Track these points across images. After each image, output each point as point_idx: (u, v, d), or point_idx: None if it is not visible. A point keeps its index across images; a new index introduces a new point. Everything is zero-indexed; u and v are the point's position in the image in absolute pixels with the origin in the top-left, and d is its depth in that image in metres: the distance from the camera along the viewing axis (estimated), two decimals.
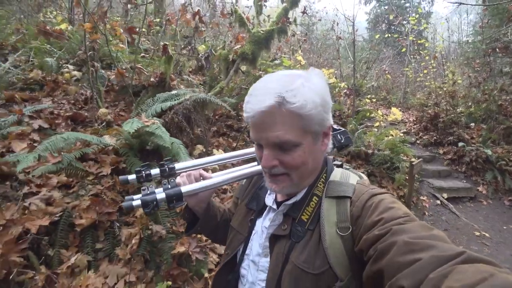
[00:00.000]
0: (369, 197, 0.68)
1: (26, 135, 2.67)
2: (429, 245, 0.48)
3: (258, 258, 0.78)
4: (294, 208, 0.75)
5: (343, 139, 0.89)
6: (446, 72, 7.46)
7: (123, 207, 0.73)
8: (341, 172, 0.79)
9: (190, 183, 0.84)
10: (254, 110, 0.66)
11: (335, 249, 0.65)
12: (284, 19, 3.63)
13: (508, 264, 3.41)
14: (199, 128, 2.78)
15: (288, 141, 0.66)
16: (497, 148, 6.00)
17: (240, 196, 0.98)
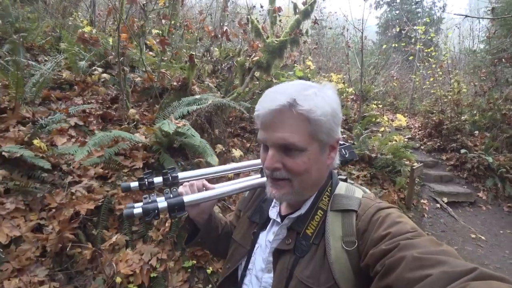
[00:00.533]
0: (375, 211, 0.66)
1: (65, 131, 3.04)
2: (439, 261, 0.47)
3: (261, 274, 0.76)
4: (298, 222, 0.74)
5: (348, 153, 0.90)
6: (451, 81, 7.64)
7: (124, 215, 0.72)
8: (346, 186, 0.78)
9: (192, 193, 0.83)
10: (265, 109, 0.67)
11: (340, 264, 0.64)
12: (297, 30, 3.94)
13: (499, 264, 3.68)
14: (217, 130, 3.11)
15: (293, 144, 0.67)
16: (499, 156, 6.18)
17: (243, 209, 0.97)
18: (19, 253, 1.98)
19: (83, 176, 2.65)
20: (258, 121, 0.71)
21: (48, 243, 2.04)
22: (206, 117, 3.02)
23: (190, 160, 2.81)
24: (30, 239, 2.05)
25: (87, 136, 3.11)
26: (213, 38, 4.06)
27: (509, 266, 3.65)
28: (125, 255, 2.09)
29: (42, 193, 2.29)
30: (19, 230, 2.06)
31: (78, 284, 2.01)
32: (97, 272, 2.04)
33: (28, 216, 2.18)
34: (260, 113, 0.69)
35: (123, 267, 2.00)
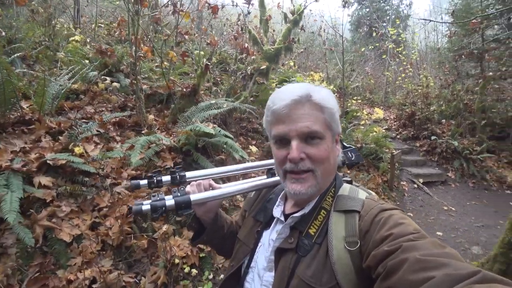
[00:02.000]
0: (378, 212, 0.66)
1: (90, 138, 3.28)
2: (442, 263, 0.46)
3: (263, 272, 0.76)
4: (301, 221, 0.75)
5: (354, 156, 0.91)
6: (420, 76, 8.51)
7: (132, 211, 0.75)
8: (350, 188, 0.79)
9: (199, 192, 0.85)
10: (284, 100, 0.70)
11: (342, 264, 0.64)
12: (290, 38, 4.39)
13: (467, 227, 4.44)
14: (232, 129, 3.50)
15: (316, 132, 0.70)
16: (463, 140, 7.07)
17: (248, 209, 0.98)
18: (82, 249, 2.27)
19: (118, 179, 2.95)
20: (274, 116, 0.73)
21: (109, 237, 2.36)
22: (221, 119, 3.39)
23: (213, 157, 3.19)
24: (89, 236, 2.35)
25: (109, 142, 3.37)
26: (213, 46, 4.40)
27: (475, 229, 4.43)
28: (176, 242, 2.45)
29: (92, 195, 2.58)
30: (79, 229, 2.35)
31: (138, 270, 2.35)
32: (155, 258, 2.39)
33: (81, 216, 2.46)
34: (277, 107, 0.71)
35: (177, 251, 2.37)
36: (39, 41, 4.99)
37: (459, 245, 4.00)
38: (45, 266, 2.08)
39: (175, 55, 3.25)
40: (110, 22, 7.54)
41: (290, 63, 8.91)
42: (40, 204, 2.31)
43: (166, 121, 3.98)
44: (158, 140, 2.91)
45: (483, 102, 7.41)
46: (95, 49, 3.56)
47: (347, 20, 18.06)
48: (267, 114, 0.76)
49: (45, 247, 2.16)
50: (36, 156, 2.55)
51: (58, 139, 2.91)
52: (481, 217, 4.87)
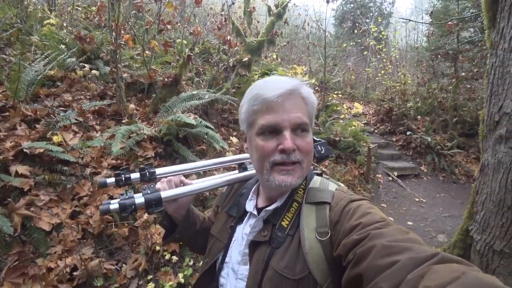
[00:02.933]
0: (347, 202, 0.69)
1: (68, 127, 3.21)
2: (406, 248, 0.49)
3: (238, 266, 0.77)
4: (274, 214, 0.76)
5: (323, 150, 0.90)
6: (399, 73, 8.82)
7: (99, 211, 0.73)
8: (321, 180, 0.81)
9: (170, 189, 0.83)
10: (277, 90, 0.69)
11: (314, 254, 0.66)
12: (273, 31, 4.43)
13: (435, 217, 4.77)
14: (213, 120, 3.54)
15: (305, 124, 0.72)
16: (436, 136, 7.45)
17: (220, 204, 0.97)
18: (62, 237, 2.27)
19: (98, 168, 2.93)
20: (264, 105, 0.71)
21: (89, 226, 2.36)
22: (203, 110, 3.42)
23: (194, 148, 3.22)
24: (69, 225, 2.35)
25: (89, 131, 3.32)
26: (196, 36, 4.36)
27: (442, 219, 4.77)
28: (157, 230, 2.50)
29: (71, 184, 2.56)
30: (59, 218, 2.34)
31: (119, 257, 2.38)
32: (135, 245, 2.42)
33: (61, 205, 2.45)
34: (270, 96, 0.69)
35: (158, 238, 2.42)
36: (10, 23, 4.73)
37: (427, 233, 4.29)
38: (24, 255, 2.07)
39: (157, 44, 3.21)
40: (88, 6, 7.23)
41: (273, 56, 8.94)
42: (18, 193, 2.27)
43: (147, 110, 3.94)
44: (139, 129, 2.91)
45: (455, 100, 7.82)
46: (73, 34, 3.44)
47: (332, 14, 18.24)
48: (253, 103, 0.73)
49: (23, 236, 2.15)
50: (11, 145, 2.49)
51: (34, 127, 2.84)
52: (448, 208, 5.23)
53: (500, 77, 1.75)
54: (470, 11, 7.68)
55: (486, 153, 1.90)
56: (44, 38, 4.42)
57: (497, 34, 1.82)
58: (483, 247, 1.86)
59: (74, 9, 6.31)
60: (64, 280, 2.04)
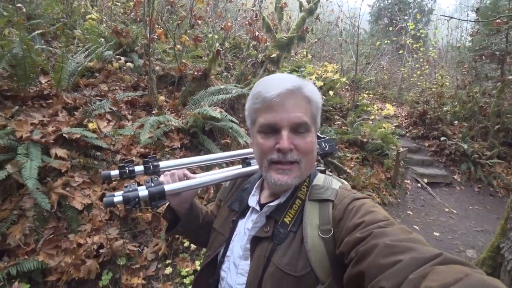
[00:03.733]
0: (350, 200, 0.69)
1: (103, 115, 3.43)
2: (408, 248, 0.49)
3: (239, 261, 0.77)
4: (277, 211, 0.76)
5: (327, 147, 0.90)
6: (436, 75, 8.30)
7: (103, 203, 0.73)
8: (324, 177, 0.80)
9: (173, 182, 0.84)
10: (277, 89, 0.70)
11: (316, 251, 0.66)
12: (303, 28, 4.38)
13: (466, 231, 4.48)
14: (239, 115, 3.59)
15: (305, 123, 0.71)
16: (474, 144, 6.96)
17: (223, 198, 0.98)
18: (91, 217, 2.46)
19: (128, 155, 3.11)
20: (264, 104, 0.71)
21: (116, 209, 2.53)
22: (229, 104, 3.48)
23: (219, 141, 3.31)
24: (99, 206, 2.53)
25: (121, 120, 3.52)
26: (227, 31, 4.43)
27: (473, 233, 4.46)
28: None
29: (103, 169, 2.75)
30: (90, 199, 2.53)
31: (142, 241, 2.53)
32: (157, 231, 2.56)
33: (92, 188, 2.64)
34: (270, 95, 0.70)
35: None
36: (57, 18, 5.11)
37: (454, 246, 4.05)
38: (58, 230, 2.28)
39: (187, 39, 3.32)
40: (127, 1, 7.60)
41: (303, 52, 8.82)
42: (56, 173, 2.49)
43: (176, 103, 4.09)
44: (167, 121, 3.03)
45: (499, 106, 7.22)
46: (111, 29, 3.65)
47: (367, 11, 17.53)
48: (254, 101, 0.74)
49: (59, 212, 2.35)
50: (53, 129, 2.72)
51: (73, 114, 3.07)
52: (482, 222, 4.89)
53: None
54: None
55: None
56: (85, 32, 4.74)
57: None
58: None
59: (114, 4, 6.67)
60: (91, 256, 2.21)
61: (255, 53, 4.24)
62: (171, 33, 3.52)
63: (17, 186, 2.26)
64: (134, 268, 2.34)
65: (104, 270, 2.24)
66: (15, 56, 2.81)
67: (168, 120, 3.03)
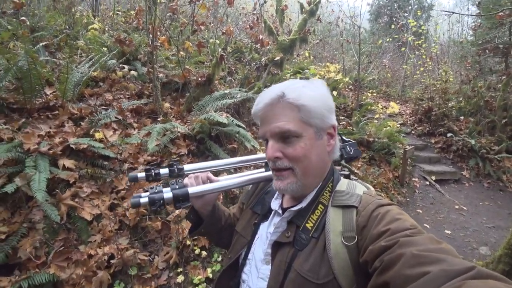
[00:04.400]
0: (375, 207, 0.67)
1: (109, 125, 3.44)
2: (438, 259, 0.47)
3: (260, 265, 0.77)
4: (298, 216, 0.75)
5: (352, 151, 0.90)
6: (440, 70, 8.24)
7: (130, 204, 0.75)
8: (348, 183, 0.79)
9: (197, 185, 0.85)
10: (259, 104, 0.75)
11: (339, 259, 0.64)
12: (305, 29, 4.37)
13: (477, 228, 4.41)
14: (245, 119, 3.58)
15: (288, 131, 0.71)
16: (481, 139, 6.86)
17: (246, 201, 0.99)
18: (101, 227, 2.44)
19: (135, 163, 3.10)
20: (256, 118, 0.78)
21: (126, 218, 2.52)
22: (235, 109, 3.47)
23: (225, 146, 3.29)
24: (108, 216, 2.52)
25: (127, 128, 3.52)
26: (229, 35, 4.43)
27: (485, 229, 4.39)
28: (188, 224, 2.59)
29: (111, 178, 2.74)
30: (99, 209, 2.52)
31: (152, 249, 2.51)
32: (167, 239, 2.54)
33: (101, 198, 2.63)
34: (255, 110, 0.76)
35: None
36: (60, 29, 5.16)
37: (467, 244, 3.99)
38: (68, 241, 2.27)
39: (191, 45, 3.33)
40: (128, 10, 7.67)
41: (305, 54, 8.81)
42: (64, 184, 2.48)
43: (181, 109, 4.10)
44: (173, 127, 3.03)
45: (505, 100, 7.13)
46: (114, 38, 3.67)
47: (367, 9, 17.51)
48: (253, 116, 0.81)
49: (68, 224, 2.35)
50: (60, 140, 2.73)
51: (80, 125, 3.08)
52: (493, 218, 4.80)
53: None
54: None
55: None
56: (88, 42, 4.78)
57: None
58: None
59: (115, 13, 6.73)
60: (102, 267, 2.20)
61: (258, 57, 4.23)
62: (174, 40, 3.53)
63: (26, 198, 2.26)
64: (145, 278, 2.31)
65: (116, 281, 2.22)
66: (21, 69, 2.83)
67: (174, 127, 3.02)
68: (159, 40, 3.25)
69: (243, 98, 3.38)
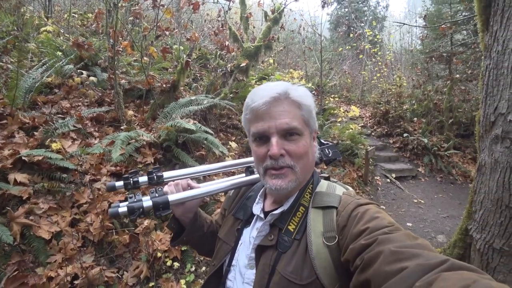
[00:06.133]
0: (354, 207, 0.68)
1: (67, 134, 3.20)
2: (414, 254, 0.49)
3: (245, 270, 0.77)
4: (281, 219, 0.75)
5: (331, 153, 0.91)
6: (394, 76, 8.92)
7: (109, 213, 0.73)
8: (328, 184, 0.80)
9: (177, 192, 0.84)
10: (263, 98, 0.71)
11: (321, 259, 0.65)
12: (270, 37, 4.48)
13: (434, 218, 4.80)
14: (212, 126, 3.55)
15: (295, 128, 0.71)
16: (432, 138, 7.52)
17: (228, 207, 0.98)
18: (62, 246, 2.25)
19: (98, 175, 2.91)
20: (253, 114, 0.74)
21: (90, 233, 2.35)
22: (201, 115, 3.43)
23: (193, 153, 3.22)
24: (70, 233, 2.33)
25: (87, 138, 3.31)
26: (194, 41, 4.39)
27: (441, 219, 4.80)
28: (158, 236, 2.48)
29: (71, 192, 2.54)
30: (58, 226, 2.32)
31: (120, 265, 2.36)
32: (136, 253, 2.41)
33: (60, 213, 2.43)
34: (256, 104, 0.72)
35: (159, 245, 2.41)
36: (7, 30, 4.73)
37: (426, 234, 4.31)
38: (23, 264, 2.05)
39: (155, 50, 3.23)
40: (84, 12, 7.25)
41: (270, 61, 9.01)
42: (17, 201, 2.26)
43: (145, 117, 3.94)
44: (138, 136, 2.90)
45: (450, 102, 7.91)
46: (72, 41, 3.44)
47: (327, 19, 18.44)
48: (245, 112, 0.77)
49: (22, 245, 2.12)
50: (9, 153, 2.48)
51: (33, 135, 2.82)
52: (447, 208, 5.27)
53: (494, 79, 1.79)
54: (462, 14, 7.81)
55: (483, 153, 1.93)
56: (40, 45, 4.42)
57: (491, 37, 1.86)
58: (482, 245, 1.88)
59: (71, 16, 6.32)
60: None
61: (223, 63, 4.24)
62: (137, 45, 3.40)
63: None
64: None
65: None
66: None
67: (140, 135, 2.90)
68: (122, 45, 3.11)
69: (210, 104, 3.35)
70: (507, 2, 1.70)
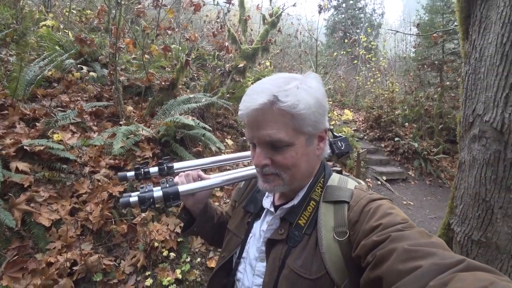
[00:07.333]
0: (367, 202, 0.67)
1: (67, 127, 3.27)
2: (429, 253, 0.47)
3: (255, 262, 0.77)
4: (291, 213, 0.75)
5: (344, 146, 0.89)
6: (387, 82, 9.15)
7: (120, 203, 0.74)
8: (339, 178, 0.78)
9: (188, 183, 0.85)
10: (248, 108, 0.66)
11: (332, 254, 0.64)
12: (267, 39, 4.61)
13: (422, 219, 4.97)
14: (209, 124, 3.64)
15: (279, 140, 0.67)
16: (423, 142, 7.72)
17: (238, 199, 0.97)
18: (61, 233, 2.31)
19: (97, 167, 2.98)
20: (242, 120, 0.71)
21: (89, 222, 2.42)
22: (199, 113, 3.52)
23: (190, 149, 3.31)
24: (69, 221, 2.40)
25: (86, 131, 3.37)
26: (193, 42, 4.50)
27: (429, 220, 4.99)
28: (155, 227, 2.56)
29: (71, 182, 2.61)
30: (58, 214, 2.38)
31: (118, 254, 2.44)
32: (134, 242, 2.48)
33: (60, 202, 2.49)
34: (243, 113, 0.68)
35: (156, 235, 2.49)
36: (6, 24, 4.76)
37: None
38: (23, 250, 2.11)
39: (156, 48, 3.32)
40: (83, 9, 7.30)
41: (266, 63, 9.15)
42: (18, 189, 2.31)
43: (144, 113, 4.02)
44: (137, 130, 2.98)
45: (440, 108, 8.14)
46: (74, 37, 3.51)
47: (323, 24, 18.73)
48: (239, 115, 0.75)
49: (23, 231, 2.18)
50: (11, 142, 2.54)
51: (33, 126, 2.88)
52: (434, 210, 5.45)
53: (473, 83, 1.94)
54: (454, 24, 8.08)
55: (463, 152, 2.07)
56: (40, 39, 4.47)
57: (470, 45, 2.02)
58: (462, 238, 2.00)
59: (70, 12, 6.37)
60: (65, 274, 2.08)
61: (221, 64, 4.35)
62: (140, 42, 3.49)
63: None
64: (111, 283, 2.23)
65: None
66: None
67: (139, 129, 2.98)
68: (124, 42, 3.20)
69: (208, 102, 3.45)
70: (483, 14, 1.86)
